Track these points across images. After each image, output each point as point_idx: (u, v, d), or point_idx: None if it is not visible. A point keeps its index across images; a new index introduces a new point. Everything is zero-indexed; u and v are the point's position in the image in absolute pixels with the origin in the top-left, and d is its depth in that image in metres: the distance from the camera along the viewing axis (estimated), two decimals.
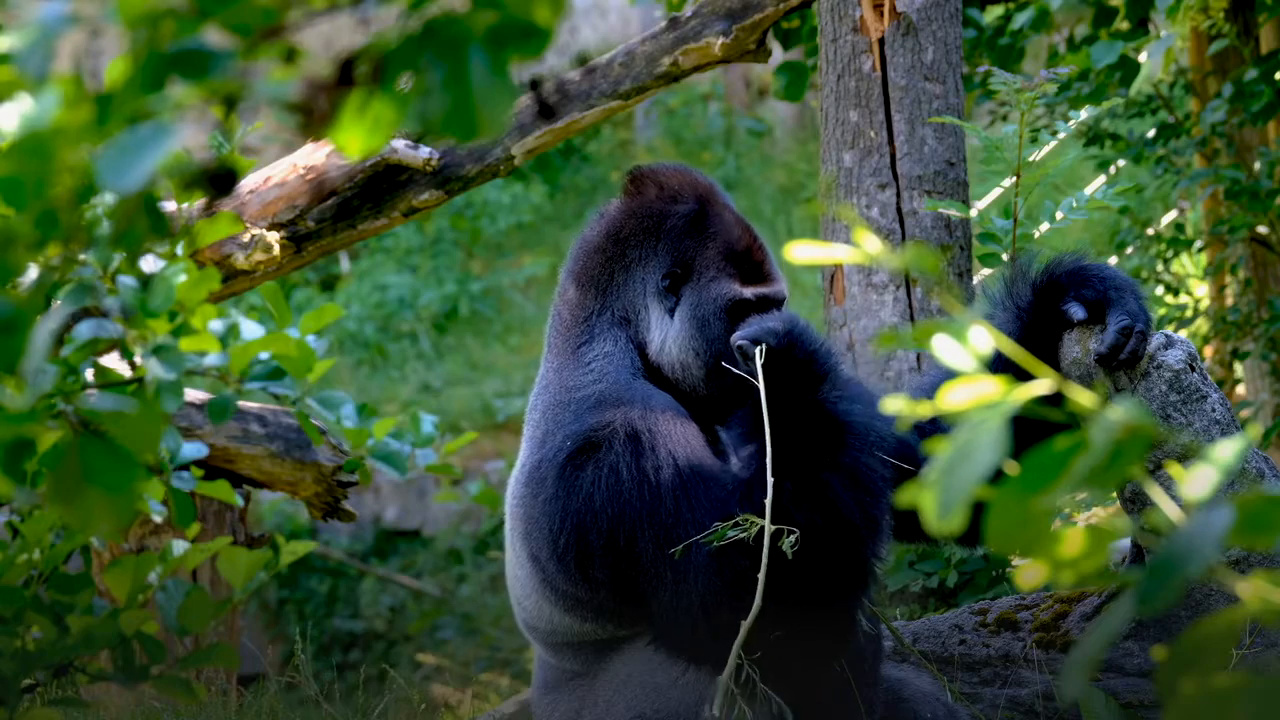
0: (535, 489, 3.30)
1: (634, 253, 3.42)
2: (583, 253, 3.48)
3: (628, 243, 3.43)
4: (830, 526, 3.04)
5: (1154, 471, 3.40)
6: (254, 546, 5.27)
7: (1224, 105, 6.90)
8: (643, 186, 3.47)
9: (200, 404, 5.14)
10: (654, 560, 3.14)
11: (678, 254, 3.40)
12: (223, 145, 2.26)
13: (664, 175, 3.48)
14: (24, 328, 1.63)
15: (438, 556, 12.05)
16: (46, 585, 2.32)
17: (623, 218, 3.46)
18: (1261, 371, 7.61)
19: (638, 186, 3.48)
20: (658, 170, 3.50)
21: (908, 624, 3.99)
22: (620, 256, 3.43)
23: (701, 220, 3.41)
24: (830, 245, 1.66)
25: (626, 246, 3.43)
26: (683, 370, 3.37)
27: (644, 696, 3.27)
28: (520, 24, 1.50)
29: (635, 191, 3.47)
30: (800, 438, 3.09)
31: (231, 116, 1.55)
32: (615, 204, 3.51)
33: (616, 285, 3.43)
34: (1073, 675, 1.51)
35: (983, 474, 1.45)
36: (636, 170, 3.52)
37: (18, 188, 1.58)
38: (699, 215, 3.41)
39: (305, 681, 4.25)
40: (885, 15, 4.90)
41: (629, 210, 3.46)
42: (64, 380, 1.93)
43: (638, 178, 3.49)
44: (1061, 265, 3.47)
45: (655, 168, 3.52)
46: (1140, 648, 3.60)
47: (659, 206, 3.44)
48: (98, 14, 1.59)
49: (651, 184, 3.47)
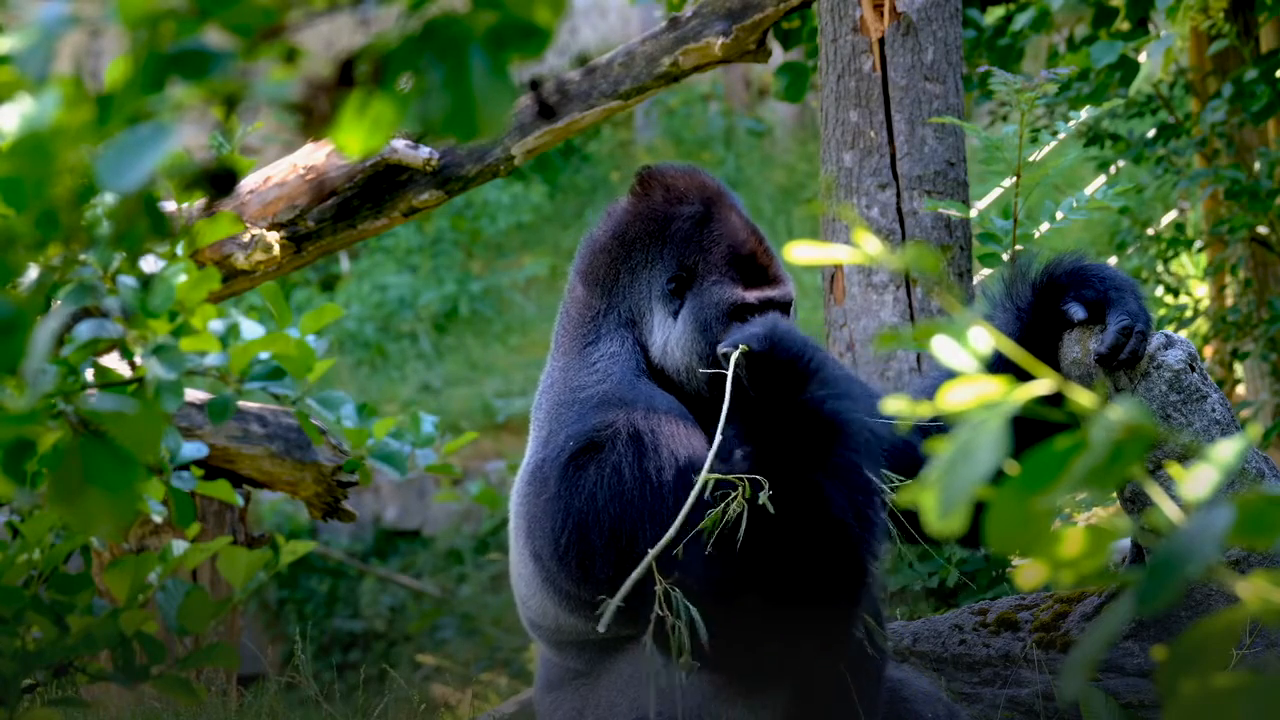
0: (538, 488, 3.31)
1: (639, 255, 3.43)
2: (590, 252, 3.49)
3: (634, 245, 3.43)
4: (822, 526, 3.05)
5: (1154, 471, 3.40)
6: (254, 546, 5.27)
7: (1224, 105, 6.90)
8: (650, 188, 3.48)
9: (200, 404, 5.14)
10: (656, 561, 3.14)
11: (682, 258, 3.40)
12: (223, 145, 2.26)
13: (671, 177, 3.49)
14: (24, 328, 1.63)
15: (438, 556, 12.05)
16: (46, 585, 2.32)
17: (629, 219, 3.46)
18: (1261, 371, 7.61)
19: (645, 188, 3.48)
20: (666, 171, 3.50)
21: (908, 624, 3.99)
22: (626, 258, 3.44)
23: (706, 223, 3.41)
24: (830, 245, 1.66)
25: (632, 249, 3.43)
26: (686, 373, 3.37)
27: (646, 696, 3.27)
28: (520, 24, 1.50)
29: (643, 193, 3.48)
30: (787, 438, 3.10)
31: (231, 117, 1.55)
32: (623, 204, 3.51)
33: (622, 286, 3.44)
34: (1073, 675, 1.51)
35: (983, 474, 1.45)
36: (645, 171, 3.52)
37: (18, 188, 1.58)
38: (704, 218, 3.41)
39: (305, 681, 4.26)
40: (885, 15, 4.90)
41: (636, 212, 3.46)
42: (64, 380, 1.93)
43: (645, 179, 3.50)
44: (1061, 265, 3.47)
45: (663, 169, 3.52)
46: (1140, 648, 3.60)
47: (665, 209, 3.44)
48: (98, 14, 1.59)
49: (659, 186, 3.47)
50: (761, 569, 3.07)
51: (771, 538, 3.06)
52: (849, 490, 3.07)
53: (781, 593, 3.07)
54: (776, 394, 3.14)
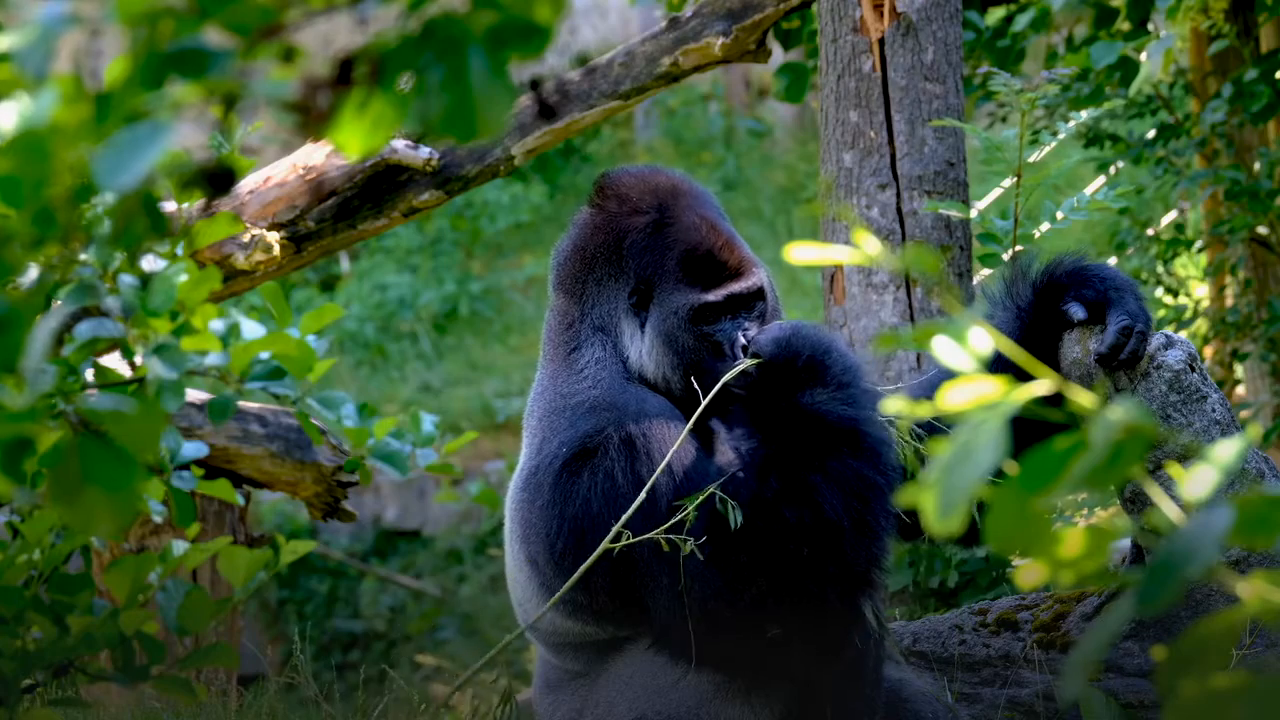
0: (532, 494, 3.31)
1: (600, 269, 3.41)
2: (558, 263, 3.49)
3: (594, 260, 3.42)
4: (817, 526, 3.05)
5: (1154, 471, 3.40)
6: (254, 546, 5.26)
7: (1224, 105, 6.89)
8: (605, 199, 3.45)
9: (200, 404, 5.14)
10: (651, 563, 3.15)
11: (639, 271, 3.38)
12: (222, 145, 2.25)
13: (625, 185, 3.45)
14: (22, 326, 1.63)
15: (438, 556, 12.05)
16: (46, 585, 2.32)
17: (588, 232, 3.44)
18: (1261, 372, 7.61)
19: (601, 198, 3.46)
20: (619, 180, 3.47)
21: (908, 624, 3.99)
22: (590, 271, 3.42)
23: (660, 230, 3.38)
24: (830, 246, 1.66)
25: (594, 263, 3.42)
26: (665, 381, 3.36)
27: (645, 697, 3.28)
28: (520, 24, 1.50)
29: (599, 203, 3.45)
30: (787, 439, 3.11)
31: (230, 116, 1.55)
32: (583, 215, 3.49)
33: (590, 297, 3.43)
34: (1073, 675, 1.51)
35: (983, 474, 1.45)
36: (601, 179, 3.50)
37: (16, 186, 1.58)
38: (657, 225, 3.38)
39: (305, 681, 4.25)
40: (885, 15, 4.90)
41: (593, 225, 3.44)
42: (64, 380, 1.93)
43: (601, 188, 3.47)
44: (1061, 265, 3.47)
45: (618, 177, 3.48)
46: (1140, 648, 3.60)
47: (619, 222, 3.41)
48: (98, 14, 1.59)
49: (613, 196, 3.44)
50: (756, 569, 3.08)
51: (764, 539, 3.07)
52: (845, 494, 3.07)
53: (774, 594, 3.08)
54: (778, 394, 3.15)
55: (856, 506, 3.07)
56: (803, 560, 3.06)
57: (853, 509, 3.07)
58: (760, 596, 3.08)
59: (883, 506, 3.10)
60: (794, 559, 3.06)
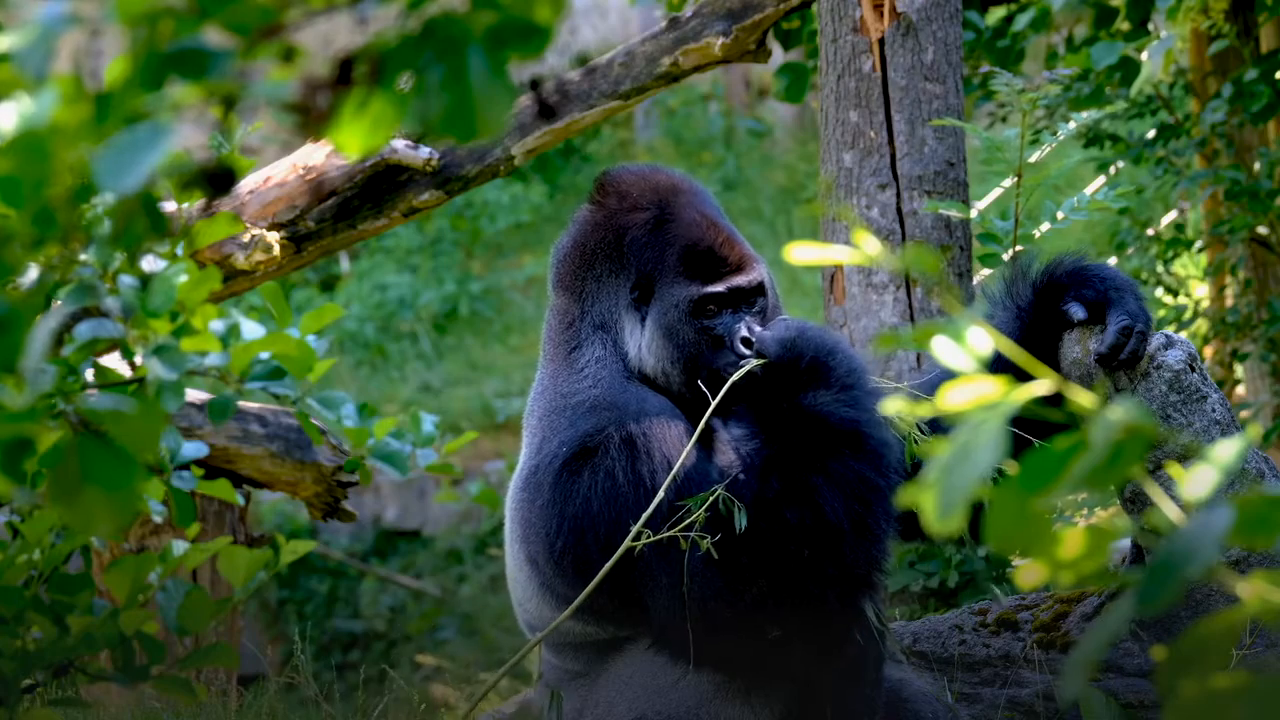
0: (532, 494, 3.31)
1: (601, 266, 3.42)
2: (558, 261, 3.50)
3: (595, 257, 3.43)
4: (817, 528, 3.05)
5: (1154, 471, 3.40)
6: (254, 546, 5.26)
7: (1224, 105, 6.89)
8: (605, 196, 3.46)
9: (200, 404, 5.14)
10: (651, 563, 3.15)
11: (640, 266, 3.39)
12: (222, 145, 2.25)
13: (625, 183, 3.47)
14: (21, 326, 1.63)
15: (438, 556, 12.05)
16: (46, 585, 2.32)
17: (588, 230, 3.46)
18: (1261, 372, 7.61)
19: (602, 195, 3.47)
20: (620, 177, 3.49)
21: (908, 624, 3.99)
22: (590, 268, 3.43)
23: (661, 226, 3.39)
24: (830, 246, 1.66)
25: (594, 260, 3.43)
26: (665, 377, 3.37)
27: (645, 697, 3.28)
28: (520, 24, 1.50)
29: (599, 201, 3.47)
30: (789, 440, 3.11)
31: (230, 116, 1.55)
32: (583, 213, 3.50)
33: (591, 294, 3.43)
34: (1073, 675, 1.51)
35: (983, 474, 1.45)
36: (601, 178, 3.51)
37: (15, 186, 1.58)
38: (658, 222, 3.40)
39: (305, 681, 4.25)
40: (885, 15, 4.90)
41: (594, 222, 3.46)
42: (64, 380, 1.93)
43: (602, 185, 3.49)
44: (1062, 265, 3.47)
45: (618, 175, 3.50)
46: (1140, 648, 3.60)
47: (620, 219, 3.42)
48: (98, 14, 1.59)
49: (613, 193, 3.46)
50: (756, 570, 3.08)
51: (765, 540, 3.07)
52: (845, 496, 3.07)
53: (775, 594, 3.08)
54: (782, 395, 3.16)
55: (857, 509, 3.07)
56: (803, 561, 3.06)
57: (854, 511, 3.07)
58: (760, 597, 3.09)
59: (884, 509, 3.10)
60: (795, 560, 3.06)
